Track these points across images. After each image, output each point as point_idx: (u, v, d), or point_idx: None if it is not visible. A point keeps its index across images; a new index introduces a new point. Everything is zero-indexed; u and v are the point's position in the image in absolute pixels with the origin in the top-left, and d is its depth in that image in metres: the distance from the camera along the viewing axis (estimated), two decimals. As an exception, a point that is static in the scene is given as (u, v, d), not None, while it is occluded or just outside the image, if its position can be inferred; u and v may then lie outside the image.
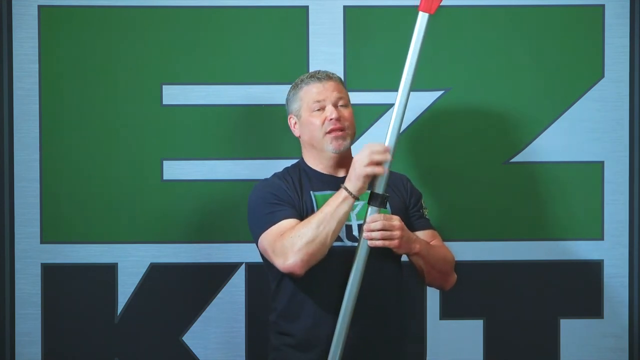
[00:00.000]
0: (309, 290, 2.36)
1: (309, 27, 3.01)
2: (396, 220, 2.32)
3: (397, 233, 2.30)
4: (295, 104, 2.46)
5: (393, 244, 2.30)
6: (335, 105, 2.41)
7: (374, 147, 2.28)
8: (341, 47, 3.01)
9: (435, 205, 2.95)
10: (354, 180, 2.28)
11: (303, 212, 2.38)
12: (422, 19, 2.33)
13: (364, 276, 2.30)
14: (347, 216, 2.29)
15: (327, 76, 2.45)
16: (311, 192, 2.41)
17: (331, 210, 2.27)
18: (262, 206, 2.39)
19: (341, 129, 2.40)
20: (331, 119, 2.39)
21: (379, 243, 2.29)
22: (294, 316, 2.37)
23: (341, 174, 2.45)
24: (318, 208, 2.36)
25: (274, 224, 2.34)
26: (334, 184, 2.41)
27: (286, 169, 2.50)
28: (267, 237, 2.34)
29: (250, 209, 2.42)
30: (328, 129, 2.39)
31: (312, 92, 2.42)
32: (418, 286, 2.97)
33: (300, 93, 2.44)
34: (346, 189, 2.27)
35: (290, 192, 2.39)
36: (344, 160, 2.45)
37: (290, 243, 2.26)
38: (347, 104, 2.44)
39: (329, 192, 2.40)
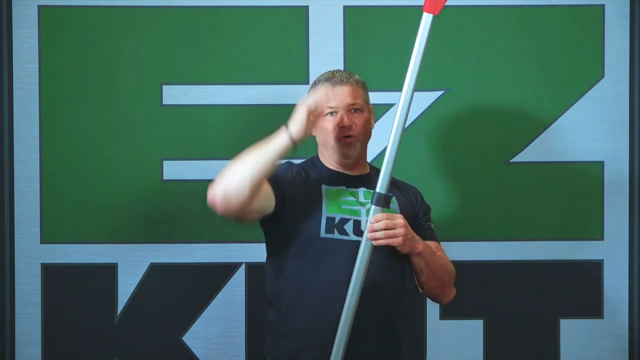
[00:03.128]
0: (312, 281, 2.35)
1: (309, 27, 3.01)
2: (399, 219, 2.32)
3: (400, 231, 2.31)
4: None
5: (397, 241, 2.31)
6: (348, 111, 2.41)
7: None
8: (341, 47, 3.01)
9: (435, 205, 2.95)
10: (293, 121, 2.26)
11: (305, 201, 2.36)
12: (426, 20, 2.32)
13: (367, 275, 2.30)
14: (277, 156, 2.24)
15: (342, 80, 2.42)
16: (323, 185, 2.41)
17: (263, 146, 2.26)
18: None
19: (351, 136, 2.40)
20: (343, 127, 2.39)
21: (382, 242, 2.30)
22: (294, 308, 2.37)
23: (353, 172, 2.47)
24: (327, 201, 2.38)
25: None
26: (346, 180, 2.44)
27: (302, 162, 2.50)
28: None
29: None
30: (339, 136, 2.40)
31: (326, 97, 2.40)
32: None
33: None
34: (287, 129, 2.26)
35: (292, 178, 2.38)
36: (355, 163, 2.46)
37: (219, 176, 2.25)
38: (361, 109, 2.43)
39: (342, 187, 2.42)
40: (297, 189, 2.39)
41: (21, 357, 3.01)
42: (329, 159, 2.47)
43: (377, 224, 2.30)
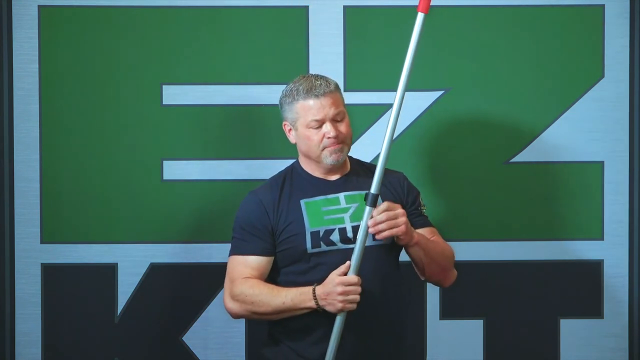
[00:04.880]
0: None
1: (309, 27, 3.01)
2: (399, 208, 2.32)
3: (402, 219, 2.30)
4: (291, 114, 2.42)
5: (400, 230, 2.30)
6: (333, 121, 2.39)
7: (348, 289, 2.28)
8: (341, 47, 3.01)
9: (435, 205, 2.95)
10: (327, 305, 2.29)
11: (284, 220, 2.38)
12: (420, 19, 2.33)
13: (363, 277, 2.30)
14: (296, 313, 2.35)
15: (324, 92, 2.39)
16: (301, 200, 2.40)
17: (292, 308, 2.32)
18: (238, 228, 2.44)
19: (339, 143, 2.39)
20: (329, 137, 2.38)
21: (386, 234, 2.29)
22: (290, 323, 2.38)
23: (334, 177, 2.45)
24: (308, 215, 2.37)
25: (242, 254, 2.41)
26: (325, 188, 2.42)
27: (280, 173, 2.49)
28: (231, 264, 2.42)
29: (235, 219, 2.46)
30: (327, 145, 2.38)
31: (310, 109, 2.38)
32: (415, 284, 2.99)
33: (297, 106, 2.40)
34: (317, 303, 2.29)
35: (269, 215, 2.40)
36: (338, 167, 2.45)
37: (242, 299, 2.36)
38: (344, 116, 2.41)
39: (319, 198, 2.40)
40: (277, 220, 2.40)
41: (21, 357, 3.01)
42: (311, 165, 2.45)
43: (379, 216, 2.29)
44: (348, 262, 2.31)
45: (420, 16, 2.33)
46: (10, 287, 3.00)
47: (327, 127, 2.38)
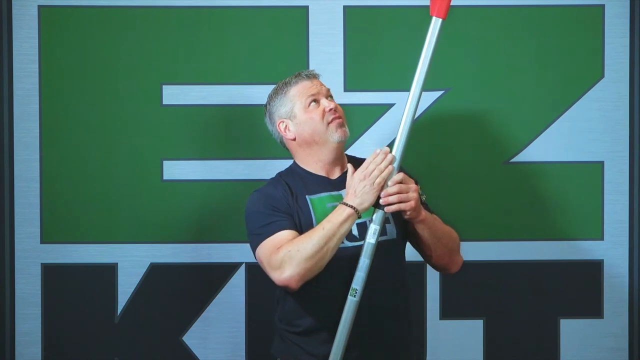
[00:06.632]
0: (312, 294, 2.35)
1: (309, 27, 3.01)
2: (413, 184, 2.34)
3: (413, 195, 2.30)
4: (286, 106, 2.45)
5: (409, 205, 2.30)
6: (327, 97, 2.45)
7: (379, 165, 2.30)
8: (341, 47, 3.01)
9: (434, 205, 2.94)
10: (362, 197, 2.28)
11: (298, 217, 2.38)
12: (438, 25, 2.35)
13: (368, 276, 2.30)
14: (347, 232, 2.29)
15: (314, 74, 2.48)
16: (307, 196, 2.41)
17: (334, 228, 2.26)
18: (258, 217, 2.38)
19: (340, 117, 2.43)
20: (330, 109, 2.42)
21: (394, 207, 2.29)
22: (301, 310, 2.38)
23: (335, 174, 2.45)
24: (314, 212, 2.38)
25: (271, 235, 2.33)
26: (329, 186, 2.42)
27: (279, 174, 2.50)
28: (264, 249, 2.33)
29: (247, 221, 2.42)
30: (330, 119, 2.41)
31: (304, 89, 2.44)
32: (414, 283, 2.99)
33: (290, 94, 2.45)
34: (352, 207, 2.28)
35: (287, 200, 2.39)
36: (339, 158, 2.46)
37: (288, 257, 2.26)
38: (332, 96, 2.48)
39: (324, 194, 2.41)
40: (294, 209, 2.40)
41: (21, 357, 3.01)
42: (312, 158, 2.45)
43: (391, 188, 2.30)
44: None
45: (437, 22, 2.33)
46: (10, 287, 3.00)
47: (325, 102, 2.43)
